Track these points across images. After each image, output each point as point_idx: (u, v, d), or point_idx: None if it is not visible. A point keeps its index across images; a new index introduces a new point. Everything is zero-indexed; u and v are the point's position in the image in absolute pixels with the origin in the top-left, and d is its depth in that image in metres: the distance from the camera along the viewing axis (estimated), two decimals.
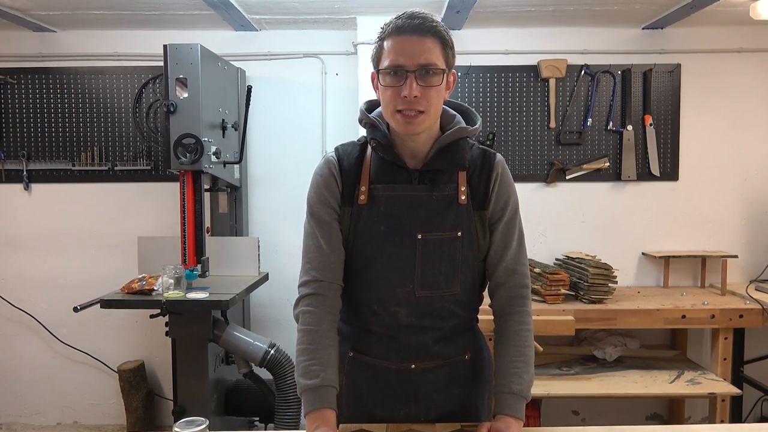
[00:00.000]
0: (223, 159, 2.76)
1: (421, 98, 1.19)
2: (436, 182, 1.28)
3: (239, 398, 2.82)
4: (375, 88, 1.29)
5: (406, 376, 1.33)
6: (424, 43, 1.19)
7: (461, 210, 1.28)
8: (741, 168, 3.22)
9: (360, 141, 1.36)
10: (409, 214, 1.27)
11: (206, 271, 2.67)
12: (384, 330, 1.33)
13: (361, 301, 1.33)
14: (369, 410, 1.36)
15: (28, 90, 3.24)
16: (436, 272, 1.28)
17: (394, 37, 1.21)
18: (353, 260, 1.31)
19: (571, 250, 3.18)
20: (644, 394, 2.54)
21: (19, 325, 3.34)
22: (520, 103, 3.18)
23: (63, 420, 3.40)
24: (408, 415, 1.35)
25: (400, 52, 1.19)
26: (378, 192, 1.28)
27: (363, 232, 1.28)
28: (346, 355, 1.37)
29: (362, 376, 1.36)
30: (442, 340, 1.34)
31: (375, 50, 1.26)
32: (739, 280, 3.19)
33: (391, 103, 1.21)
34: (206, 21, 3.04)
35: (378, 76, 1.24)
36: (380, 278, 1.29)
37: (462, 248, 1.29)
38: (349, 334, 1.38)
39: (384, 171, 1.29)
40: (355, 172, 1.31)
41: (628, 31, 3.17)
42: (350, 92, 3.20)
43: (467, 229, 1.29)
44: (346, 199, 1.30)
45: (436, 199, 1.27)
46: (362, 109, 1.35)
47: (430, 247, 1.27)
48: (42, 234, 3.30)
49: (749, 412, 3.16)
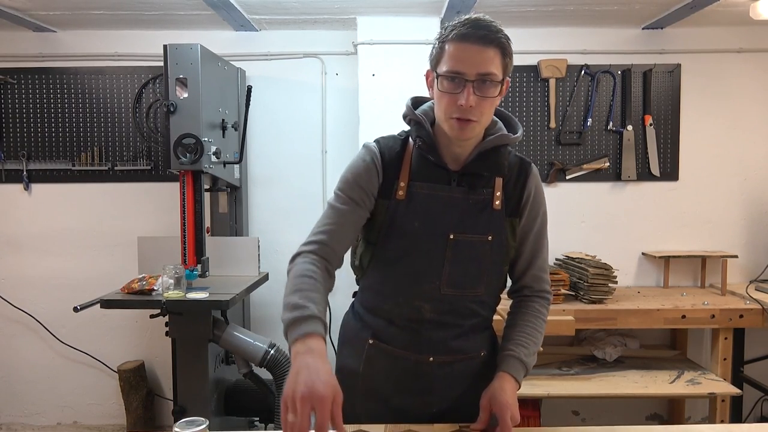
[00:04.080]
0: (223, 159, 2.76)
1: (475, 108, 1.20)
2: (473, 186, 1.30)
3: (239, 398, 2.82)
4: (429, 86, 1.31)
5: (424, 368, 1.35)
6: (486, 53, 1.20)
7: (494, 215, 1.32)
8: (741, 168, 3.22)
9: (401, 136, 1.37)
10: (444, 214, 1.29)
11: (206, 271, 2.67)
12: (406, 323, 1.35)
13: (387, 292, 1.35)
14: (384, 397, 1.38)
15: (28, 90, 3.24)
16: (463, 272, 1.31)
17: (457, 44, 1.21)
18: (384, 253, 1.33)
19: (571, 250, 3.18)
20: (644, 394, 2.54)
21: (19, 325, 3.34)
22: (520, 103, 3.18)
23: (63, 420, 3.40)
24: (423, 405, 1.37)
25: (460, 60, 1.20)
26: (416, 189, 1.30)
27: (398, 227, 1.30)
28: (366, 342, 1.38)
29: (380, 364, 1.38)
30: (461, 337, 1.36)
31: (435, 51, 1.27)
32: (739, 280, 3.19)
33: (446, 108, 1.23)
34: (206, 21, 3.04)
35: (435, 77, 1.25)
36: (409, 273, 1.31)
37: (491, 252, 1.32)
38: (370, 323, 1.40)
39: (424, 169, 1.31)
40: (395, 166, 1.32)
41: (628, 31, 3.17)
42: (350, 92, 3.20)
43: (498, 234, 1.32)
44: (383, 192, 1.31)
45: (472, 203, 1.30)
46: (409, 105, 1.36)
47: (461, 248, 1.30)
48: (42, 234, 3.30)
49: (749, 412, 3.16)
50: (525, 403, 2.59)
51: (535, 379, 2.65)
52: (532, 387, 2.55)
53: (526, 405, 2.60)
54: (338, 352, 1.49)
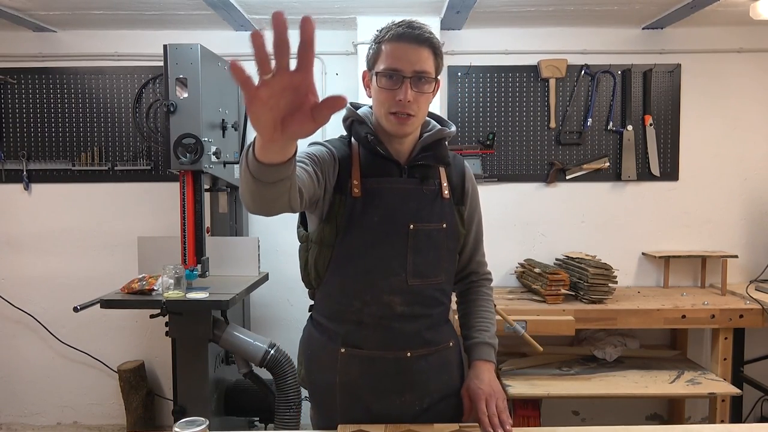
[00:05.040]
0: (223, 159, 2.76)
1: (413, 102, 1.28)
2: (424, 176, 1.38)
3: (239, 398, 2.82)
4: (365, 86, 1.38)
5: (402, 364, 1.36)
6: (421, 53, 1.28)
7: (445, 204, 1.40)
8: (741, 168, 3.22)
9: (343, 138, 1.41)
10: (402, 206, 1.34)
11: (206, 271, 2.67)
12: (377, 320, 1.35)
13: (352, 292, 1.35)
14: (365, 406, 1.37)
15: (28, 90, 3.24)
16: (425, 261, 1.36)
17: (393, 43, 1.28)
18: (345, 251, 1.33)
19: (571, 250, 3.19)
20: (644, 394, 2.54)
21: (19, 325, 3.34)
22: (520, 103, 3.18)
23: (63, 420, 3.40)
24: (403, 405, 1.37)
25: (398, 58, 1.27)
26: (371, 185, 1.34)
27: (358, 223, 1.32)
28: (338, 353, 1.37)
29: (356, 371, 1.36)
30: (432, 328, 1.40)
31: (372, 52, 1.34)
32: (739, 280, 3.19)
33: (385, 104, 1.30)
34: (206, 21, 3.04)
35: (373, 76, 1.32)
36: (375, 267, 1.33)
37: (446, 240, 1.39)
38: (338, 331, 1.38)
39: (374, 165, 1.36)
40: (346, 164, 1.35)
41: (628, 31, 3.17)
42: (350, 92, 3.19)
43: (450, 222, 1.40)
44: (339, 187, 1.33)
45: (426, 192, 1.37)
46: (349, 107, 1.41)
47: (421, 237, 1.35)
48: (42, 234, 3.30)
49: (749, 412, 3.16)
50: (525, 403, 2.59)
51: (535, 379, 2.65)
52: (532, 387, 2.55)
53: (526, 405, 2.60)
54: (306, 368, 1.45)
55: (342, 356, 1.36)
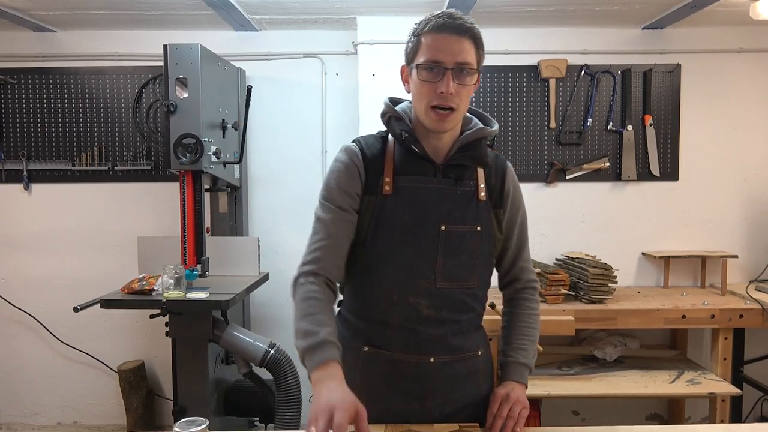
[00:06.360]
0: (223, 159, 2.76)
1: (455, 95, 1.24)
2: (459, 177, 1.33)
3: (239, 398, 2.82)
4: (404, 81, 1.34)
5: (425, 369, 1.33)
6: (463, 43, 1.24)
7: (481, 206, 1.34)
8: (741, 168, 3.22)
9: (380, 134, 1.39)
10: (434, 206, 1.30)
11: (206, 271, 2.67)
12: (402, 322, 1.32)
13: (380, 293, 1.33)
14: (385, 407, 1.34)
15: (28, 90, 3.24)
16: (456, 264, 1.31)
17: (434, 35, 1.25)
18: (374, 250, 1.31)
19: (571, 250, 3.18)
20: (644, 394, 2.54)
21: (19, 325, 3.34)
22: (520, 103, 3.18)
23: (63, 420, 3.40)
24: (423, 411, 1.34)
25: (439, 49, 1.23)
26: (403, 183, 1.31)
27: (387, 222, 1.30)
28: (361, 351, 1.35)
29: (378, 372, 1.35)
30: (459, 334, 1.36)
31: (411, 45, 1.30)
32: (739, 280, 3.19)
33: (426, 97, 1.26)
34: (206, 21, 3.04)
35: (413, 70, 1.28)
36: (403, 268, 1.30)
37: (481, 243, 1.34)
38: (363, 330, 1.36)
39: (409, 163, 1.32)
40: (378, 163, 1.33)
41: (628, 31, 3.17)
42: (350, 92, 3.20)
43: (486, 225, 1.34)
44: (368, 188, 1.31)
45: (460, 193, 1.32)
46: (387, 102, 1.38)
47: (452, 239, 1.31)
48: (42, 234, 3.30)
49: (749, 412, 3.16)
50: None
51: (535, 379, 2.65)
52: (532, 387, 2.54)
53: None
54: None
55: (365, 355, 1.35)
